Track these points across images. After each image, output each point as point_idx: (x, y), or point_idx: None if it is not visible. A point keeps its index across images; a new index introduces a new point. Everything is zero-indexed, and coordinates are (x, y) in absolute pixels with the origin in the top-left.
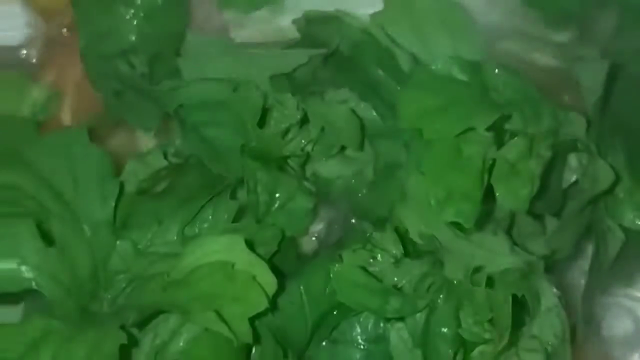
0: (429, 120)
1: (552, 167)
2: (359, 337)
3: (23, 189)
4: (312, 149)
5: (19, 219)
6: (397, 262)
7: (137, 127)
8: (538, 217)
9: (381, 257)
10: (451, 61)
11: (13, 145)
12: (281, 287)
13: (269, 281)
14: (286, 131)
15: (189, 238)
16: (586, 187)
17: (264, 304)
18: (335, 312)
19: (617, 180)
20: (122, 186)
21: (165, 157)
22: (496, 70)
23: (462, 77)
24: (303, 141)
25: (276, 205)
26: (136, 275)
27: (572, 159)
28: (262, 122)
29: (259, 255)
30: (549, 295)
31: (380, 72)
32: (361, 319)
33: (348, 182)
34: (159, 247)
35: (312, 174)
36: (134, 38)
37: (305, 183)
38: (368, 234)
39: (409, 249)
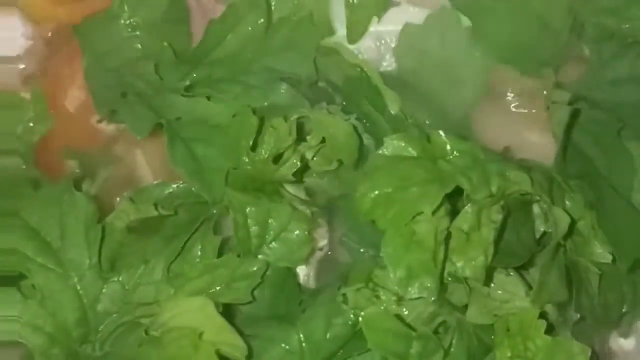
0: (381, 211)
1: (519, 222)
2: None
3: (7, 242)
4: (312, 159)
5: None
6: (399, 299)
7: (132, 130)
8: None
9: (384, 295)
10: (400, 140)
11: (7, 200)
12: (280, 327)
13: (239, 346)
14: (279, 156)
15: (173, 277)
16: (552, 233)
17: None
18: (337, 356)
19: (576, 220)
20: (110, 225)
21: (156, 208)
22: (443, 136)
23: (412, 152)
24: (295, 161)
25: (270, 236)
26: (124, 320)
27: (536, 208)
28: (255, 146)
29: (238, 290)
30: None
31: (370, 107)
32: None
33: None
34: (146, 286)
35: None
36: (137, 53)
37: (301, 206)
38: (369, 272)
39: None
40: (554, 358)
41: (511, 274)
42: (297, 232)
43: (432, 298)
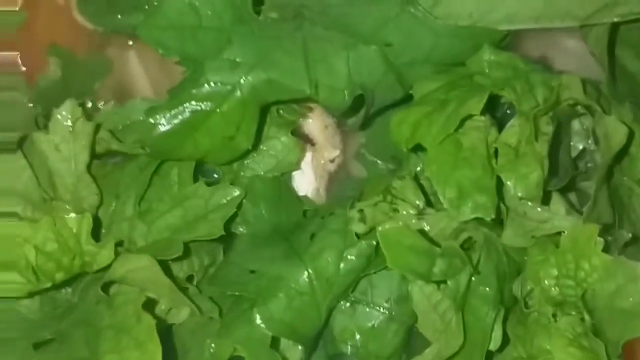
0: (424, 131)
1: (558, 139)
2: (380, 297)
3: None
4: None
5: None
6: (420, 212)
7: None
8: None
9: (403, 208)
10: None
11: None
12: (287, 263)
13: (185, 305)
14: None
15: (144, 212)
16: (600, 150)
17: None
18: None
19: (631, 135)
20: None
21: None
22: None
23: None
24: None
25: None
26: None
27: (575, 124)
28: None
29: (213, 222)
30: None
31: None
32: (382, 278)
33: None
34: (119, 224)
35: None
36: None
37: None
38: (387, 185)
39: (430, 198)
40: (611, 279)
41: (552, 194)
42: (282, 138)
43: (491, 217)
